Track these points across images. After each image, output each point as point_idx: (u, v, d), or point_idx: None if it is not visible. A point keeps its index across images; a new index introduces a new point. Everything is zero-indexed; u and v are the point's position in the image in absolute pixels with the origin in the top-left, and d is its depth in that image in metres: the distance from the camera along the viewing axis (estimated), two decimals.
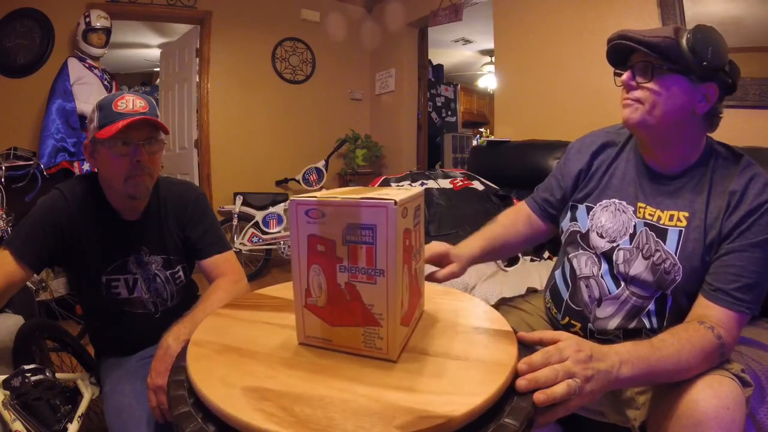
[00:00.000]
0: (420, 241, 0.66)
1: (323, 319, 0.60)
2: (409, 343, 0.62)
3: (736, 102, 1.71)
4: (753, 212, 0.75)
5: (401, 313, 0.58)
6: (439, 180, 2.29)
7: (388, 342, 0.57)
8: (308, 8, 3.93)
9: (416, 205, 0.62)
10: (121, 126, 0.88)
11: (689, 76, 0.76)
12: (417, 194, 0.63)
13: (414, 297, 0.65)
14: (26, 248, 0.91)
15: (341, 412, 0.47)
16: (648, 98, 0.79)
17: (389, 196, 0.54)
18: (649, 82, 0.78)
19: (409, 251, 0.60)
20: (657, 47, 0.76)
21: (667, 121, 0.79)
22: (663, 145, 0.83)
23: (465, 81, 6.98)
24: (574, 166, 0.97)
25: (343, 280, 0.57)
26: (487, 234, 1.01)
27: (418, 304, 0.69)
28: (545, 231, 1.05)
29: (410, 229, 0.59)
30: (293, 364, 0.57)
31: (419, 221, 0.64)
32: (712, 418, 0.62)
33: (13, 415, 0.78)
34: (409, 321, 0.63)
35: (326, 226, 0.56)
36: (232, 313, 0.74)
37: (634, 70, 0.80)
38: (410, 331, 0.64)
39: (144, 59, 5.65)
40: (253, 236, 3.25)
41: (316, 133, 4.01)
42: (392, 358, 0.57)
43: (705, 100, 0.77)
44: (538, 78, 2.65)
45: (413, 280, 0.64)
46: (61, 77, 2.59)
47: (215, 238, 1.08)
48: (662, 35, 0.76)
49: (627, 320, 0.87)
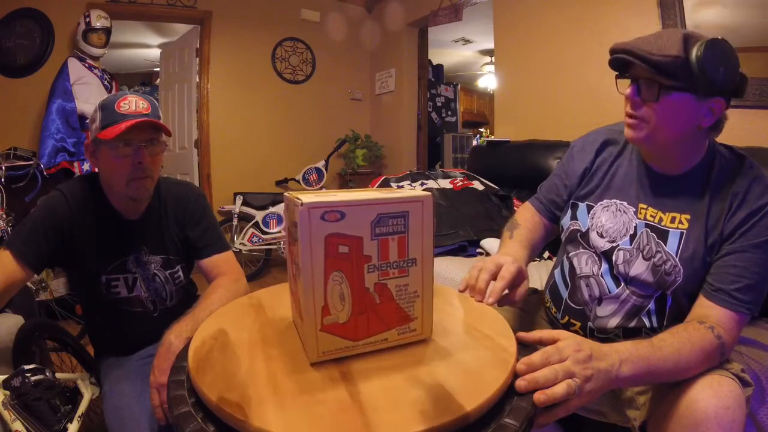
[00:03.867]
0: (406, 253, 0.56)
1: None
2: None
3: (736, 102, 1.70)
4: (754, 213, 0.75)
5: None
6: (439, 180, 2.29)
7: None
8: (308, 8, 3.94)
9: (378, 213, 0.52)
10: (124, 128, 0.88)
11: (696, 93, 0.73)
12: (373, 200, 0.52)
13: (375, 312, 0.56)
14: (27, 248, 0.91)
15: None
16: (652, 118, 0.76)
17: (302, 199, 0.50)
18: (655, 102, 0.75)
19: (342, 258, 0.52)
20: (664, 68, 0.72)
21: (672, 139, 0.78)
22: (667, 156, 0.83)
23: (465, 81, 6.98)
24: (578, 166, 0.97)
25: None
26: (525, 241, 0.95)
27: (395, 325, 0.58)
28: (553, 231, 1.05)
29: (344, 235, 0.51)
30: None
31: (403, 232, 0.54)
32: (712, 418, 0.62)
33: (13, 415, 0.78)
34: (358, 335, 0.56)
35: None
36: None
37: (639, 86, 0.77)
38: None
39: (144, 59, 5.65)
40: (253, 236, 3.25)
41: (316, 133, 4.02)
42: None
43: (711, 114, 0.75)
44: (538, 78, 2.65)
45: (367, 295, 0.55)
46: (61, 77, 2.59)
47: (215, 238, 1.09)
48: (671, 54, 0.70)
49: (627, 319, 0.87)
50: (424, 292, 0.58)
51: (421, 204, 0.55)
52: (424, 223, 0.55)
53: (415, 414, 0.46)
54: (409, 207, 0.54)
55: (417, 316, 0.59)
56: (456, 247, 1.90)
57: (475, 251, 1.91)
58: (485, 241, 1.89)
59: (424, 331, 0.60)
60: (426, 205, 0.55)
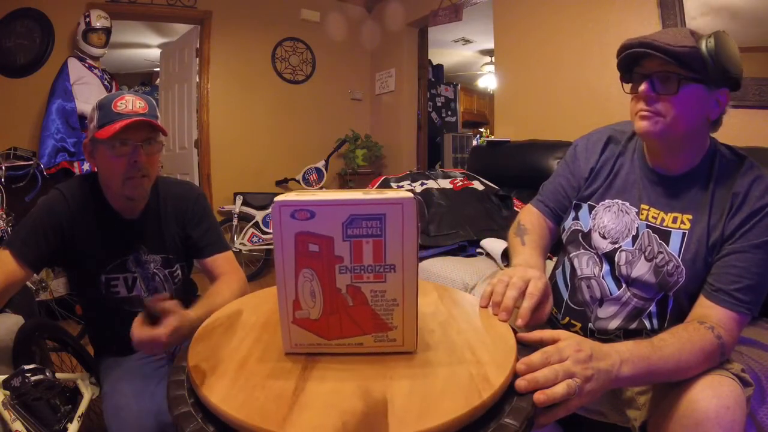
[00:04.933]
0: (383, 258, 0.53)
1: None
2: None
3: (736, 102, 1.70)
4: (755, 214, 0.75)
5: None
6: (439, 180, 2.29)
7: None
8: (308, 8, 3.93)
9: (351, 214, 0.51)
10: (120, 127, 0.89)
11: (708, 84, 0.74)
12: (350, 200, 0.51)
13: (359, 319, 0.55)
14: (26, 248, 0.91)
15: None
16: (669, 111, 0.76)
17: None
18: (675, 94, 0.75)
19: (312, 256, 0.52)
20: (684, 58, 0.72)
21: (686, 131, 0.78)
22: (674, 151, 0.82)
23: (465, 81, 6.98)
24: (584, 165, 0.96)
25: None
26: (539, 248, 0.92)
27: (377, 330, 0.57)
28: (558, 234, 1.04)
29: (314, 234, 0.51)
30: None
31: (379, 235, 0.52)
32: (712, 418, 0.62)
33: (13, 415, 0.78)
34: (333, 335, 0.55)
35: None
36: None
37: (654, 80, 0.76)
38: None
39: (144, 59, 5.65)
40: (253, 236, 3.25)
41: (316, 133, 4.01)
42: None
43: (717, 106, 0.77)
44: (538, 78, 2.65)
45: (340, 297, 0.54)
46: (61, 77, 2.59)
47: (216, 238, 1.09)
48: (688, 45, 0.72)
49: (628, 321, 0.87)
50: (405, 301, 0.54)
51: (400, 207, 0.50)
52: (405, 228, 0.51)
53: (336, 423, 0.45)
54: (385, 209, 0.50)
55: (396, 326, 0.55)
56: (456, 247, 1.90)
57: (474, 251, 1.91)
58: (485, 241, 1.89)
59: (405, 343, 0.56)
60: (407, 209, 0.50)
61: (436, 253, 1.87)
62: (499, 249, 1.70)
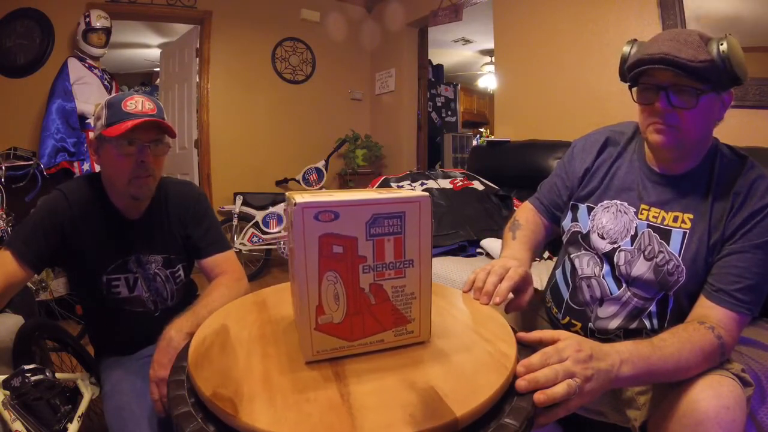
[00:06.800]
0: (403, 255, 0.55)
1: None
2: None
3: (736, 102, 1.70)
4: (756, 214, 0.75)
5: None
6: (439, 180, 2.29)
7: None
8: (308, 8, 3.93)
9: (373, 213, 0.52)
10: (130, 126, 0.89)
11: (718, 90, 0.75)
12: (367, 200, 0.52)
13: (374, 313, 0.56)
14: (27, 249, 0.91)
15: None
16: (685, 122, 0.76)
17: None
18: (694, 108, 0.74)
19: (336, 258, 0.52)
20: (703, 73, 0.71)
21: (699, 138, 0.79)
22: (684, 156, 0.82)
23: (465, 81, 6.98)
24: (579, 166, 0.97)
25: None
26: (527, 242, 0.96)
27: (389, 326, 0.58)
28: (553, 231, 1.05)
29: (338, 235, 0.51)
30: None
31: (399, 233, 0.54)
32: (712, 417, 0.62)
33: (13, 415, 0.78)
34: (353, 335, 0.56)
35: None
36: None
37: (671, 94, 0.75)
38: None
39: (144, 59, 5.65)
40: (253, 236, 3.25)
41: (316, 133, 4.01)
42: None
43: (724, 106, 0.78)
44: (538, 78, 2.65)
45: (363, 295, 0.54)
46: (61, 77, 2.59)
47: (216, 238, 1.09)
48: (706, 59, 0.71)
49: (628, 321, 0.87)
50: (422, 293, 0.58)
51: (418, 205, 0.54)
52: (422, 225, 0.54)
53: (405, 417, 0.46)
54: (405, 208, 0.53)
55: (414, 318, 0.58)
56: (456, 247, 1.90)
57: (474, 251, 1.91)
58: (485, 241, 1.89)
59: (422, 334, 0.60)
60: (423, 206, 0.54)
61: (436, 253, 1.87)
62: (499, 249, 1.69)
